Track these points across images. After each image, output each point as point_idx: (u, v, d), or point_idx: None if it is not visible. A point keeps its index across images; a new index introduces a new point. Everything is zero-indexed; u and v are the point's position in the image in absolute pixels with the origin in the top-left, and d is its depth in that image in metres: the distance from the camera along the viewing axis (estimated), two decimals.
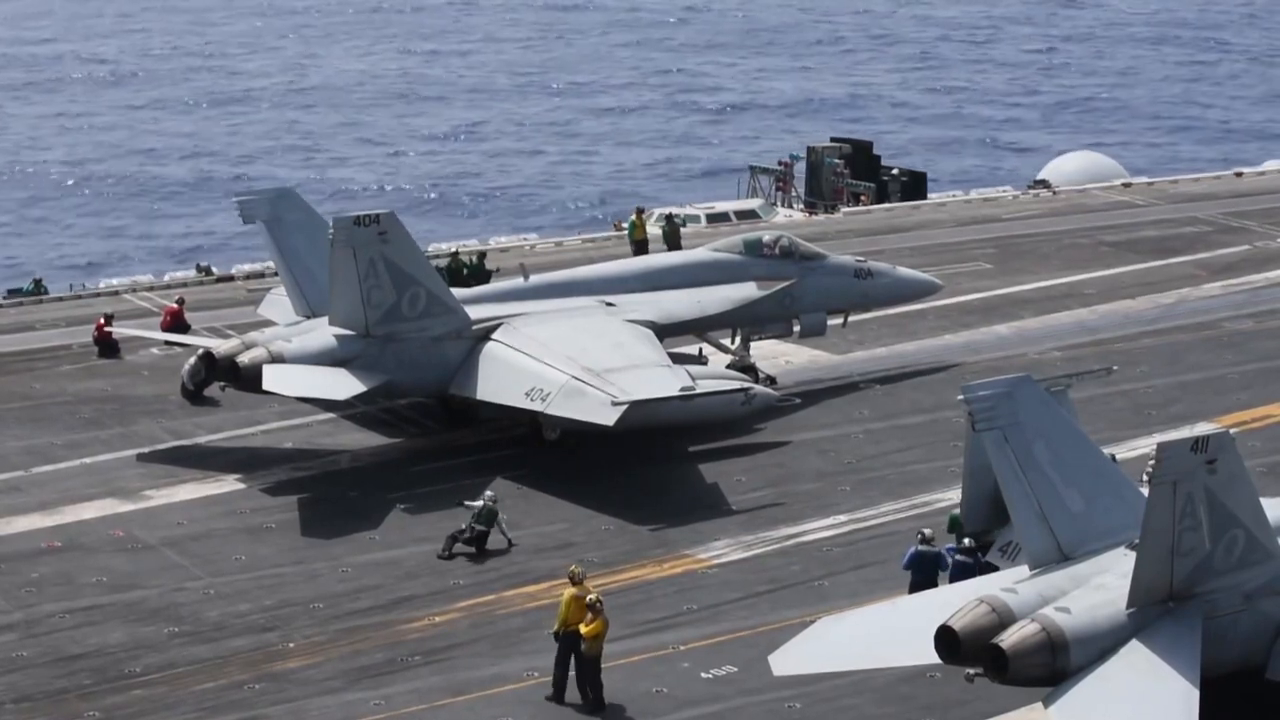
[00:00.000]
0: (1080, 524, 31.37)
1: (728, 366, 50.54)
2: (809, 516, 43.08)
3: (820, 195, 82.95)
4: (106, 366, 54.53)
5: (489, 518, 41.08)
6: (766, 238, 53.07)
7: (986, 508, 33.94)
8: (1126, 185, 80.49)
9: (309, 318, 48.71)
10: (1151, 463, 31.41)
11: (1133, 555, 30.24)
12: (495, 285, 52.90)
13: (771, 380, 51.44)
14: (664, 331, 49.35)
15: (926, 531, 36.80)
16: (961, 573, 35.16)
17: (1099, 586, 30.51)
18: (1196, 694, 29.20)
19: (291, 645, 37.00)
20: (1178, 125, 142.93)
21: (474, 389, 47.02)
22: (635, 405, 44.20)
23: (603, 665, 34.06)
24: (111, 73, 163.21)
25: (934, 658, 30.26)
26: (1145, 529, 29.85)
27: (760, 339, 52.73)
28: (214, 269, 66.59)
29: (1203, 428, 39.20)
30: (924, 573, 36.08)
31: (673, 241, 64.45)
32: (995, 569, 33.68)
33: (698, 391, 45.25)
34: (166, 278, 65.70)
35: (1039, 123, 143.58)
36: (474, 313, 48.32)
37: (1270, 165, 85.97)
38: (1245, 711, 31.35)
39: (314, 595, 39.25)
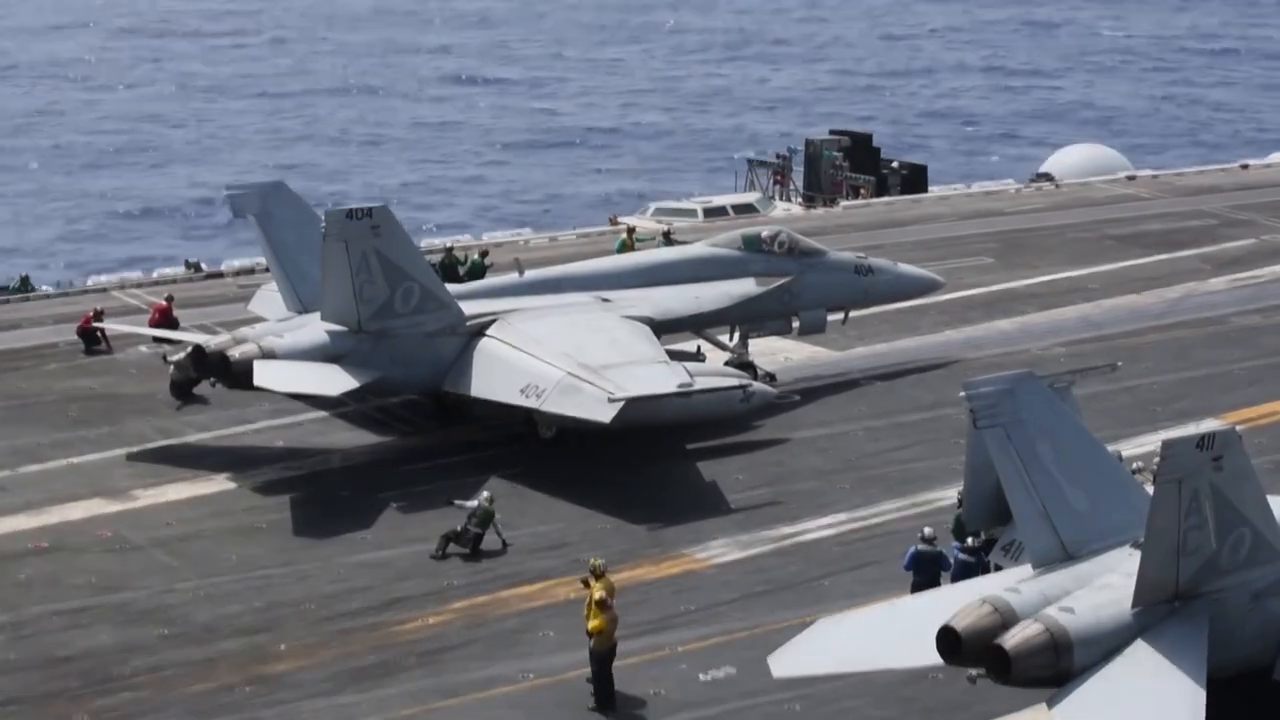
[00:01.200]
0: (1084, 522, 31.00)
1: (725, 364, 50.03)
2: (808, 516, 42.70)
3: (819, 189, 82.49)
4: (94, 365, 54.15)
5: (485, 519, 40.60)
6: (765, 233, 52.60)
7: (989, 506, 33.51)
8: (1130, 178, 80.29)
9: (301, 313, 48.22)
10: (1137, 461, 31.23)
11: (1137, 554, 29.84)
12: (489, 281, 52.42)
13: (771, 377, 50.93)
14: (661, 328, 48.83)
15: (927, 531, 36.51)
16: (964, 572, 34.83)
17: (1103, 586, 30.13)
18: (1203, 695, 28.81)
19: (283, 647, 36.57)
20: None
21: (468, 386, 46.51)
22: (632, 402, 43.68)
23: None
24: None
25: (936, 659, 29.87)
26: (1150, 527, 29.43)
27: (759, 336, 52.23)
28: (203, 265, 66.21)
29: (1209, 424, 38.75)
30: (925, 573, 35.77)
31: None
32: (999, 568, 33.31)
33: (695, 388, 44.74)
34: (155, 274, 65.40)
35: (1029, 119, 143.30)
36: (468, 308, 47.81)
37: (1276, 158, 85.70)
38: (1252, 713, 30.90)
39: (305, 596, 38.81)
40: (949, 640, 29.51)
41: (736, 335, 51.74)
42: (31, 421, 49.31)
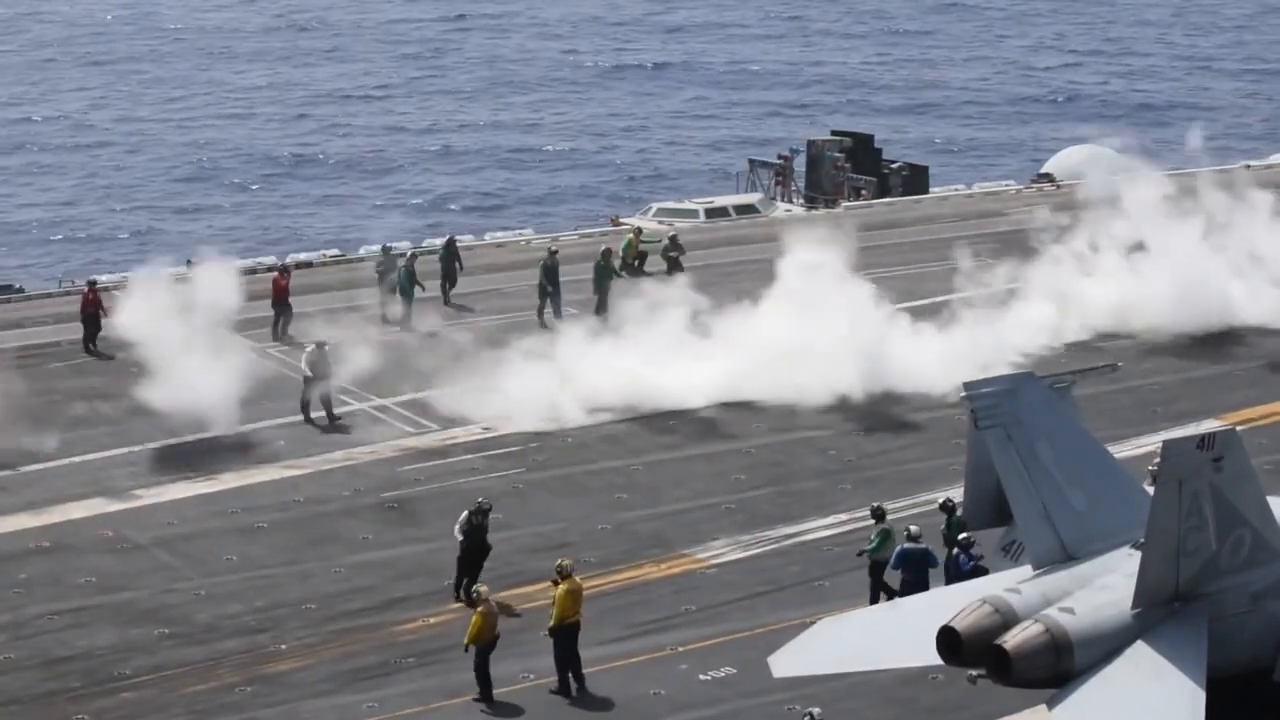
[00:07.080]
0: (1084, 523, 30.91)
1: None
2: (809, 516, 42.64)
3: (820, 190, 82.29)
4: (96, 364, 53.95)
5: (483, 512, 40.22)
6: None
7: (989, 506, 33.47)
8: None
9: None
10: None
11: (1137, 555, 29.79)
12: None
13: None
14: None
15: (913, 529, 36.57)
16: (964, 572, 34.80)
17: (1103, 587, 30.05)
18: (1202, 696, 28.73)
19: (284, 647, 36.56)
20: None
21: None
22: None
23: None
24: None
25: (936, 659, 29.84)
26: (1150, 528, 29.37)
27: None
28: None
29: (1209, 425, 38.77)
30: (913, 571, 35.85)
31: (674, 264, 62.91)
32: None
33: None
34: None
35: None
36: None
37: (1277, 159, 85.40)
38: (1252, 715, 30.83)
39: (306, 596, 38.78)
40: (949, 640, 29.45)
41: None
42: (33, 420, 48.91)
